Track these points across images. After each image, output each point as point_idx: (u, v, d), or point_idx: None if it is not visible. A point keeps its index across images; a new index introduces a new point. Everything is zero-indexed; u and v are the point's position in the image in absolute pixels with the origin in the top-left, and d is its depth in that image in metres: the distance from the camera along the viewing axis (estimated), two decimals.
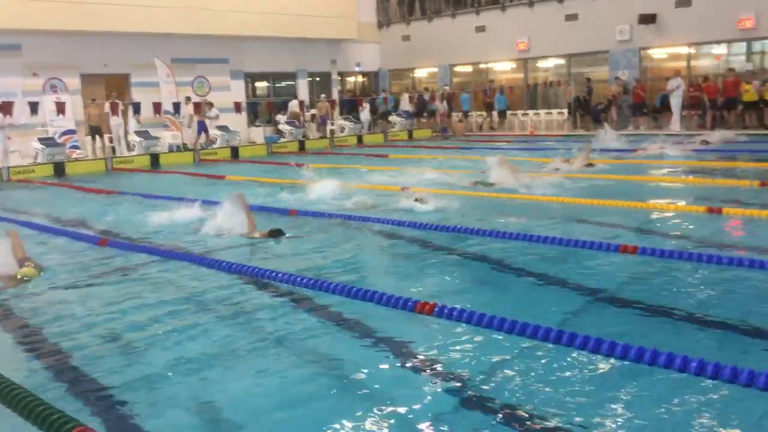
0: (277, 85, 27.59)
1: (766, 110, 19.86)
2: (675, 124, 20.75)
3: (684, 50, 22.75)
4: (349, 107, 27.39)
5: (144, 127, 21.17)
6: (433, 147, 21.37)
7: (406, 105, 27.21)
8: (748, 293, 5.22)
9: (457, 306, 4.92)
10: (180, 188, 13.26)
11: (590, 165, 12.75)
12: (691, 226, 7.72)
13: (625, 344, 4.00)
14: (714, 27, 21.17)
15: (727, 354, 3.95)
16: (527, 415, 3.41)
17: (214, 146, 21.98)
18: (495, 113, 25.66)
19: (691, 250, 6.30)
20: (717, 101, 20.61)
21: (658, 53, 23.67)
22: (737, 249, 6.49)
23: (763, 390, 3.45)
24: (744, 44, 21.61)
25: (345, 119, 26.02)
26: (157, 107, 21.69)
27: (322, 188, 10.90)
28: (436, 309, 4.96)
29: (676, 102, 20.60)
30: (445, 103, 26.53)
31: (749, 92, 19.79)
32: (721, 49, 22.35)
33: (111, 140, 21.38)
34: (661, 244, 6.70)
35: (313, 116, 25.82)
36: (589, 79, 23.91)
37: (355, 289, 5.49)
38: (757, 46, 21.54)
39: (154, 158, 20.13)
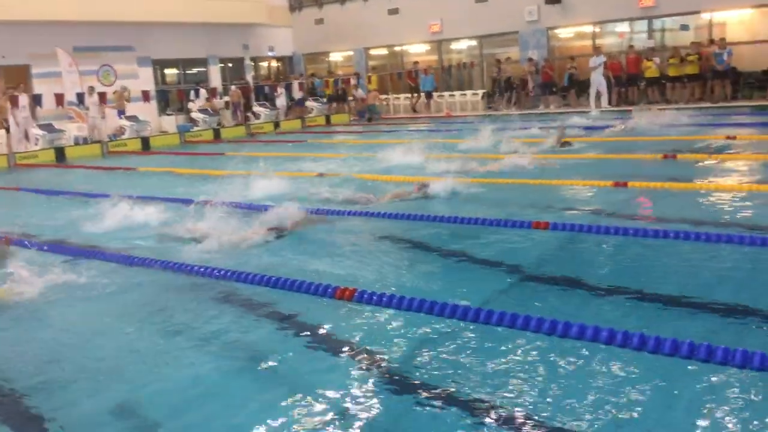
0: (187, 71, 26.84)
1: (668, 86, 20.73)
2: (603, 102, 21.16)
3: (589, 29, 23.47)
4: (265, 93, 26.94)
5: (47, 120, 20.21)
6: (352, 132, 21.34)
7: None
8: (659, 263, 5.44)
9: (376, 290, 4.93)
10: (96, 183, 12.75)
11: (567, 144, 12.41)
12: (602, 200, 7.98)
13: (553, 319, 4.11)
14: (617, 6, 21.91)
15: (643, 323, 4.11)
16: (454, 395, 3.46)
17: (123, 137, 21.22)
18: (422, 95, 25.55)
19: (599, 224, 6.50)
20: (621, 78, 21.36)
21: (564, 33, 24.33)
22: (642, 219, 6.78)
23: (670, 355, 3.62)
24: (645, 22, 22.47)
25: (261, 105, 25.60)
26: (59, 99, 20.73)
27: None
28: (356, 294, 4.97)
29: (598, 79, 21.04)
30: (360, 89, 26.42)
31: (651, 69, 20.60)
32: (624, 27, 23.17)
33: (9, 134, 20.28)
34: (576, 218, 6.88)
35: (227, 103, 25.28)
36: (499, 60, 24.34)
37: (273, 278, 5.42)
38: (657, 23, 22.43)
39: (60, 152, 19.26)
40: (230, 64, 27.89)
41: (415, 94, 25.65)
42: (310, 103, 26.25)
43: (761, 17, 20.39)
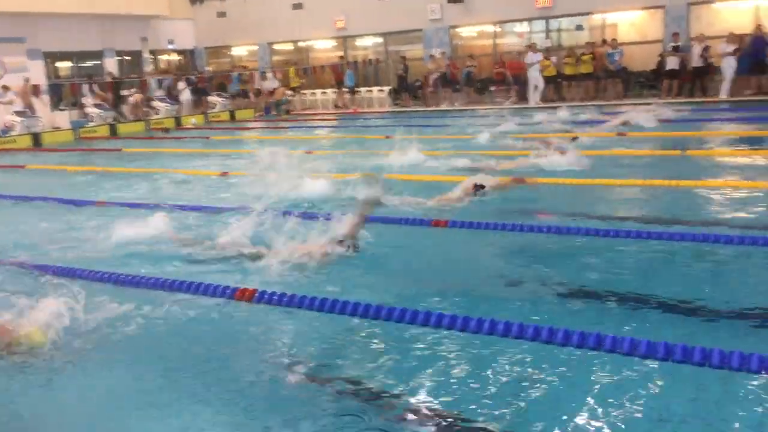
0: (81, 64, 25.64)
1: (564, 84, 21.52)
2: (536, 97, 21.43)
3: (490, 28, 24.05)
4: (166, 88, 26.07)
5: None
6: (258, 128, 21.01)
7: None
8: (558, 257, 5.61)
9: (276, 291, 4.86)
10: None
11: (575, 139, 11.87)
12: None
13: (452, 315, 4.15)
14: (516, 6, 22.57)
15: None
16: (350, 392, 3.44)
17: (13, 134, 20.06)
18: (345, 90, 25.31)
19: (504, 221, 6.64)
20: (520, 77, 21.98)
21: (467, 31, 24.83)
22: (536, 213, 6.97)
23: (566, 346, 3.73)
24: (543, 22, 23.24)
25: (161, 100, 24.79)
26: None
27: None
28: (256, 295, 4.88)
29: (535, 75, 21.33)
30: (269, 81, 26.03)
31: (549, 68, 21.32)
32: (523, 27, 23.88)
33: None
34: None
35: (122, 98, 24.30)
36: (404, 57, 24.57)
37: (170, 281, 5.25)
38: (554, 24, 23.24)
39: None
40: (128, 58, 26.86)
41: (342, 89, 25.42)
42: (213, 98, 25.63)
43: (650, 18, 21.47)
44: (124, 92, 24.42)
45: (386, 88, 24.97)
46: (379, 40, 26.33)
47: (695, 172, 8.93)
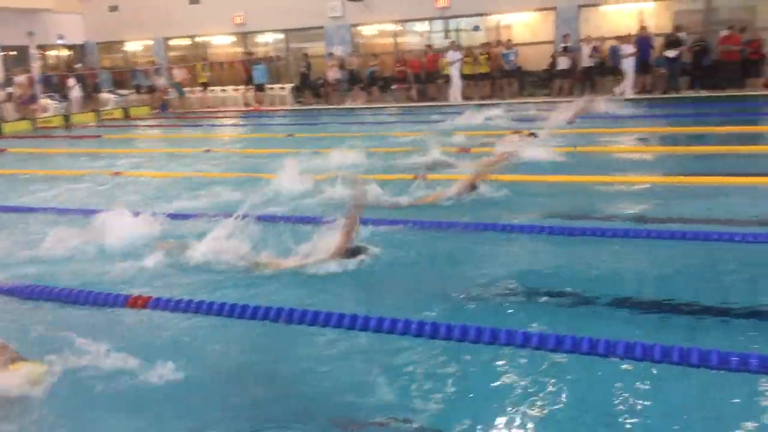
0: None
1: (463, 83, 21.96)
2: (457, 96, 21.45)
3: (392, 27, 24.29)
4: (54, 84, 24.84)
5: None
6: (153, 126, 20.37)
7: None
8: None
9: (171, 297, 4.74)
10: None
11: (533, 135, 11.77)
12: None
13: (365, 315, 4.17)
14: (416, 5, 22.87)
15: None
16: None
17: None
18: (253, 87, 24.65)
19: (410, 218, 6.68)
20: (421, 75, 22.32)
21: (368, 30, 24.96)
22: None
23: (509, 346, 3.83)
24: (442, 22, 23.66)
25: (49, 97, 23.58)
26: None
27: None
28: (150, 302, 4.74)
29: (456, 74, 21.45)
30: (163, 79, 25.26)
31: (448, 67, 21.73)
32: (424, 26, 24.24)
33: None
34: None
35: (9, 95, 22.96)
36: (306, 55, 24.43)
37: (55, 289, 5.01)
38: (453, 24, 23.70)
39: None
40: (13, 53, 25.37)
41: (249, 87, 24.78)
42: (105, 95, 24.62)
43: (542, 20, 22.26)
44: (9, 90, 23.05)
45: (288, 86, 24.75)
46: (280, 36, 26.06)
47: (589, 168, 9.18)
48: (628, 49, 19.20)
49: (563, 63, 20.60)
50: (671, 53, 18.97)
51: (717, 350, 3.41)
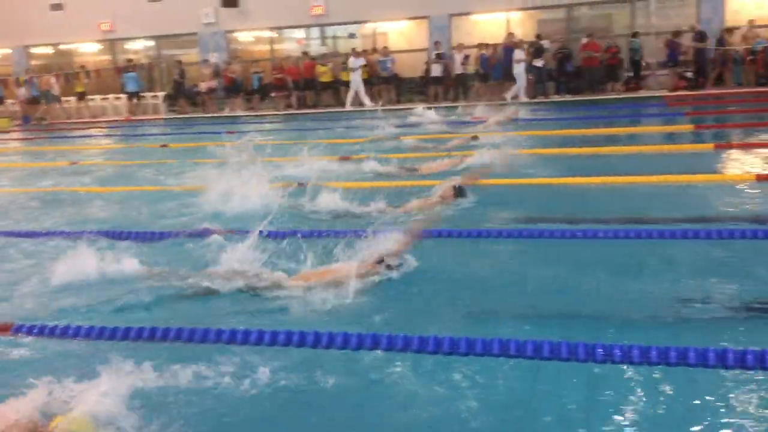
0: None
1: (342, 89, 22.12)
2: (364, 100, 21.23)
3: (268, 34, 24.09)
4: None
5: None
6: (12, 139, 19.11)
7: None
8: None
9: (37, 322, 4.45)
10: None
11: (475, 138, 11.52)
12: None
13: (259, 330, 4.02)
14: (291, 12, 22.78)
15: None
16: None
17: None
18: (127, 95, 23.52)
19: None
20: (299, 83, 22.26)
21: (244, 36, 24.63)
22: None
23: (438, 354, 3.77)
24: (319, 29, 23.72)
25: None
26: None
27: None
28: (13, 328, 4.43)
29: (357, 79, 21.19)
30: (24, 89, 23.74)
31: (326, 74, 21.81)
32: (301, 34, 24.20)
33: None
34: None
35: None
36: (180, 62, 23.77)
37: None
38: (330, 31, 23.82)
39: None
40: None
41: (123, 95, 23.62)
42: None
43: (416, 28, 22.79)
44: None
45: (161, 94, 23.97)
46: (151, 43, 25.21)
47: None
48: (520, 54, 19.82)
49: (436, 70, 21.14)
50: (538, 62, 19.96)
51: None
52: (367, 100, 21.11)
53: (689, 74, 19.37)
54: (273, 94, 22.67)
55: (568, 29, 21.63)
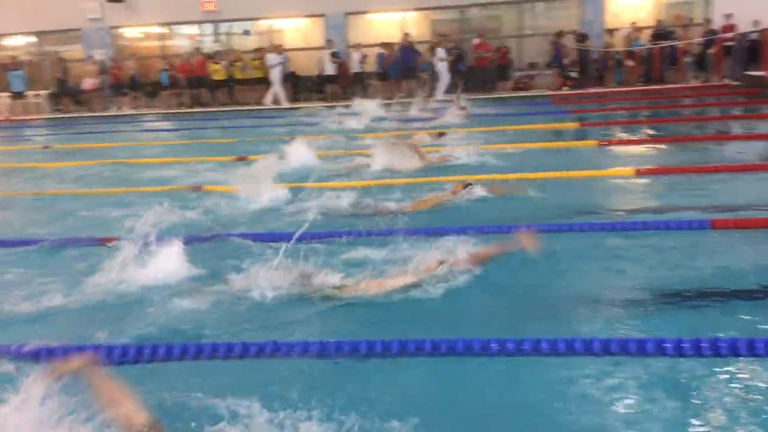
0: None
1: (236, 88, 21.68)
2: (269, 98, 20.71)
3: (157, 30, 23.28)
4: None
5: None
6: None
7: None
8: None
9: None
10: None
11: (442, 134, 11.06)
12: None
13: (198, 343, 3.75)
14: (181, 8, 22.10)
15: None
16: None
17: None
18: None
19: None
20: (193, 80, 21.63)
21: (131, 33, 23.69)
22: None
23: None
24: (212, 26, 23.15)
25: None
26: None
27: None
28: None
29: (277, 76, 20.62)
30: None
31: (218, 71, 21.31)
32: (193, 30, 23.52)
33: None
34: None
35: None
36: (63, 59, 22.59)
37: None
38: (223, 27, 23.28)
39: None
40: None
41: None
42: None
43: (312, 26, 22.63)
44: None
45: (43, 93, 22.70)
46: (33, 39, 23.83)
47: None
48: (442, 53, 19.91)
49: (330, 68, 21.03)
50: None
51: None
52: (283, 98, 20.78)
53: (573, 74, 20.24)
54: (165, 92, 21.94)
55: (461, 30, 22.10)
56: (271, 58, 20.64)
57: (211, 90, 21.68)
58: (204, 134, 14.45)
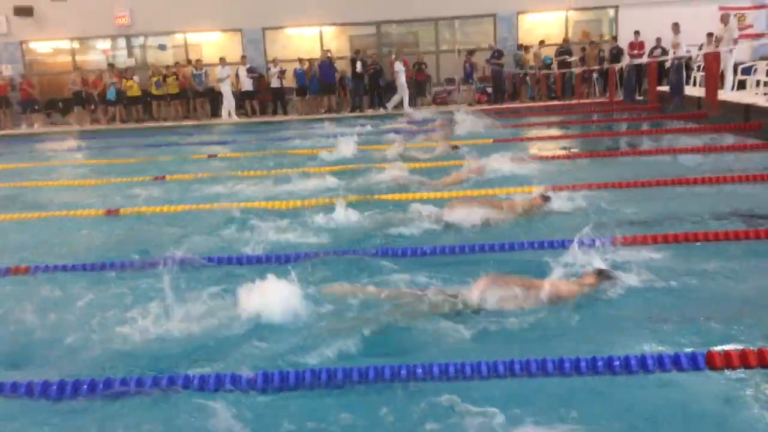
0: None
1: (154, 103, 21.27)
2: (226, 113, 20.46)
3: (68, 45, 22.63)
4: None
5: None
6: None
7: None
8: None
9: None
10: None
11: (456, 148, 10.86)
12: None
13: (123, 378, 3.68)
14: (93, 22, 21.56)
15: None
16: None
17: None
18: None
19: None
20: (105, 96, 21.08)
21: (42, 47, 22.93)
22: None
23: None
24: (124, 40, 22.63)
25: None
26: None
27: None
28: None
29: (226, 89, 20.25)
30: None
31: (133, 87, 20.88)
32: (106, 44, 22.96)
33: None
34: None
35: None
36: None
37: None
38: (138, 42, 22.80)
39: None
40: None
41: None
42: None
43: (230, 40, 22.45)
44: None
45: None
46: None
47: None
48: (400, 66, 20.07)
49: (247, 84, 20.92)
50: (358, 66, 20.46)
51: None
52: (233, 112, 20.57)
53: (489, 89, 20.89)
54: (77, 109, 21.32)
55: (379, 45, 22.44)
56: (220, 71, 20.41)
57: (126, 106, 21.22)
58: (119, 153, 14.12)
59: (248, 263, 5.59)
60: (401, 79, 20.13)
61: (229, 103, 20.50)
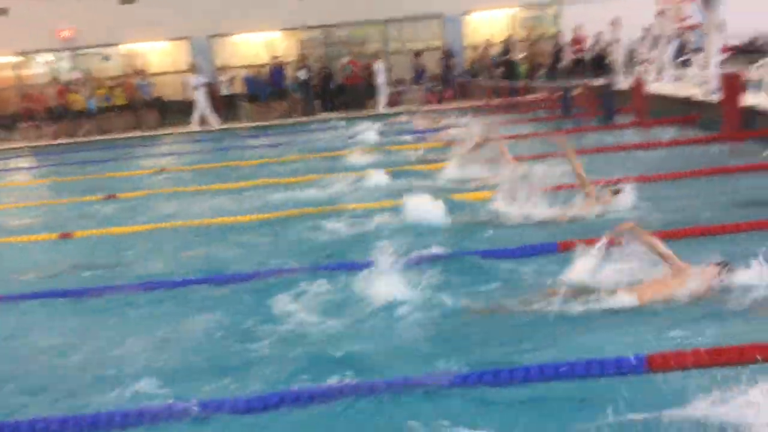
0: None
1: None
2: (197, 121, 20.09)
3: (11, 59, 22.09)
4: None
5: None
6: None
7: None
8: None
9: None
10: None
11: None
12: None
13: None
14: (36, 36, 21.05)
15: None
16: None
17: None
18: None
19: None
20: (53, 111, 20.69)
21: None
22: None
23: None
24: (69, 53, 22.16)
25: None
26: None
27: None
28: None
29: (202, 98, 19.83)
30: None
31: (79, 101, 20.50)
32: (51, 58, 22.43)
33: None
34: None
35: None
36: None
37: None
38: (82, 55, 22.35)
39: None
40: None
41: None
42: None
43: (177, 49, 22.17)
44: None
45: None
46: None
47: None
48: (379, 68, 20.10)
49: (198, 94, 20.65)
50: (302, 74, 20.46)
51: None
52: (211, 118, 20.26)
53: (438, 89, 21.10)
54: (24, 125, 20.81)
55: (328, 49, 22.43)
56: (193, 80, 20.08)
57: (72, 121, 20.82)
58: (68, 171, 13.83)
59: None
60: (381, 79, 20.25)
61: (204, 110, 20.21)
